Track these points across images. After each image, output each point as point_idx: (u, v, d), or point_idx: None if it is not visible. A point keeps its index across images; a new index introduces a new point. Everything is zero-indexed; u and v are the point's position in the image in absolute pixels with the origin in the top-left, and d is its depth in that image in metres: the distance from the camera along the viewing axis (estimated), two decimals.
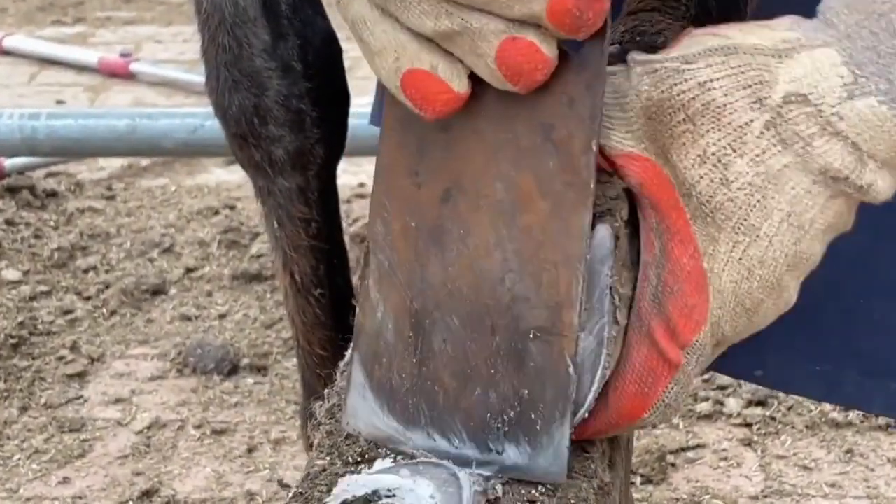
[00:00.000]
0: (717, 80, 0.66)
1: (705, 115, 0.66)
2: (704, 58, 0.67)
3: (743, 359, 0.85)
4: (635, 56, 0.68)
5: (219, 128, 1.27)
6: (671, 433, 1.78)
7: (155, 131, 2.30)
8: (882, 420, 1.79)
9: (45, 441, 1.82)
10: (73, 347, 2.04)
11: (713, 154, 0.67)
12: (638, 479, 1.68)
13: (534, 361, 0.68)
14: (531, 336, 0.68)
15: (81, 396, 1.93)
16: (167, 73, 3.19)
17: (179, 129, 2.30)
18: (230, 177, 2.63)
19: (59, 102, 3.10)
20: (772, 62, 0.66)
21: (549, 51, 0.64)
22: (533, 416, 0.68)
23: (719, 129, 0.66)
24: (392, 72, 0.65)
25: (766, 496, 1.66)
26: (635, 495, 1.62)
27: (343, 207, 2.25)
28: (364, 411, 0.72)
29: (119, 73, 3.22)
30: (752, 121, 0.66)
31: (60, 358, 2.02)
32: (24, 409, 1.89)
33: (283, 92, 1.19)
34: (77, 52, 3.37)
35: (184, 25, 3.54)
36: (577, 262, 0.67)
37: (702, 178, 0.67)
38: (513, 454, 0.68)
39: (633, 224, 0.71)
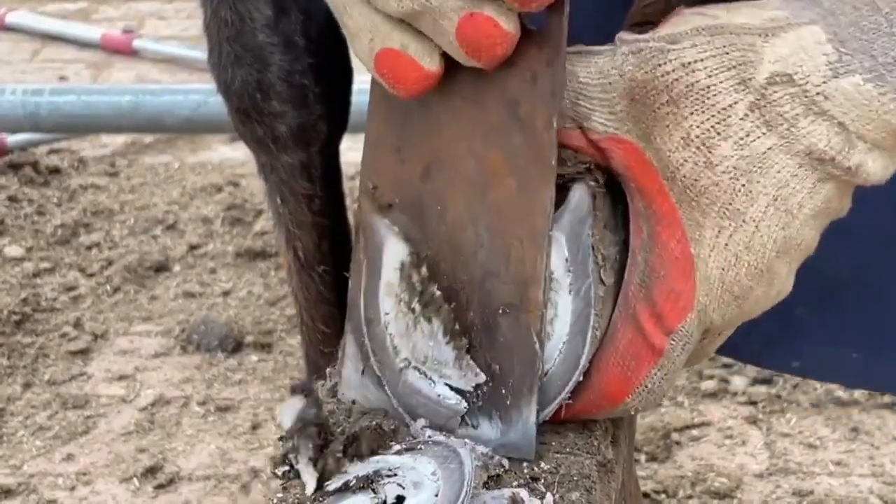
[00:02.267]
0: (702, 60, 0.66)
1: (689, 96, 0.66)
2: (690, 38, 0.66)
3: (780, 350, 0.85)
4: (622, 35, 0.68)
5: (222, 105, 1.26)
6: (676, 411, 1.78)
7: (158, 108, 2.30)
8: (888, 398, 1.79)
9: (49, 418, 1.82)
10: (77, 324, 2.04)
11: (697, 137, 0.66)
12: (642, 457, 1.68)
13: (504, 337, 0.69)
14: (501, 311, 0.69)
15: (85, 373, 1.93)
16: (170, 50, 3.17)
17: (183, 105, 2.29)
18: (234, 154, 2.63)
19: (62, 79, 3.09)
20: (758, 41, 0.65)
21: (508, 25, 0.64)
22: (503, 391, 0.69)
23: (703, 112, 0.66)
24: (367, 52, 0.66)
25: (771, 474, 1.66)
26: (640, 473, 1.62)
27: (347, 184, 2.25)
28: (357, 382, 0.73)
29: (122, 50, 3.21)
30: (735, 103, 0.66)
31: (64, 335, 2.01)
32: (27, 386, 1.89)
33: (285, 67, 1.18)
34: (80, 29, 3.35)
35: (187, 1, 3.52)
36: (541, 239, 0.68)
37: (685, 161, 0.66)
38: (486, 429, 0.70)
39: (612, 188, 0.71)
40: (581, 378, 0.69)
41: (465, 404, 0.70)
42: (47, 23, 3.41)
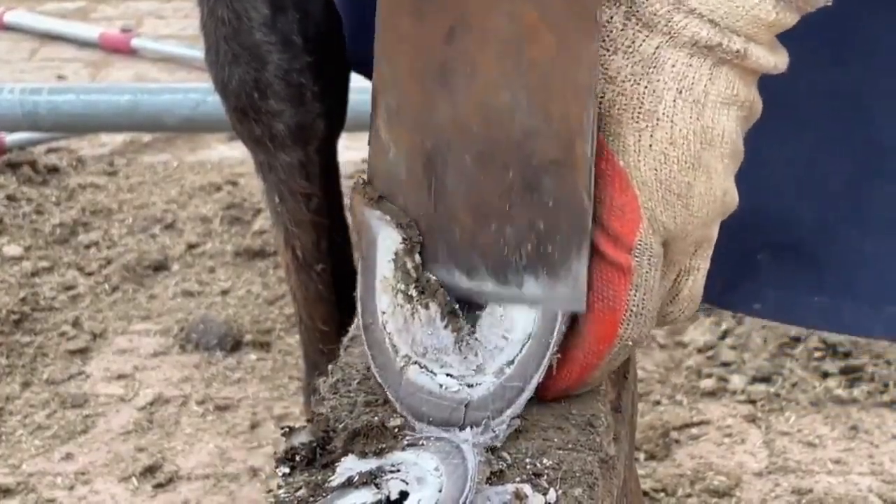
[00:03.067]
0: None
1: None
2: None
3: (741, 293, 0.86)
4: None
5: (221, 103, 1.26)
6: (675, 410, 1.78)
7: (157, 107, 2.29)
8: (887, 396, 1.79)
9: (48, 417, 1.82)
10: (76, 323, 2.04)
11: None
12: (642, 456, 1.68)
13: (548, 193, 0.68)
14: (545, 169, 0.68)
15: (84, 372, 1.92)
16: (169, 49, 3.17)
17: (181, 104, 2.29)
18: (232, 153, 2.62)
19: (60, 78, 3.09)
20: None
21: None
22: (550, 248, 0.68)
23: None
24: None
25: (770, 472, 1.66)
26: (639, 471, 1.62)
27: (346, 183, 2.25)
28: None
29: (120, 49, 3.21)
30: (612, 17, 0.68)
31: (62, 334, 2.01)
32: (26, 385, 1.89)
33: (282, 66, 1.18)
34: (78, 28, 3.35)
35: (185, 0, 3.52)
36: (587, 93, 0.67)
37: None
38: (532, 287, 0.69)
39: None
40: (565, 331, 0.69)
41: (467, 391, 0.69)
42: (46, 22, 3.41)
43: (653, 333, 1.93)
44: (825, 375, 1.84)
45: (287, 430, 0.71)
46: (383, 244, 0.71)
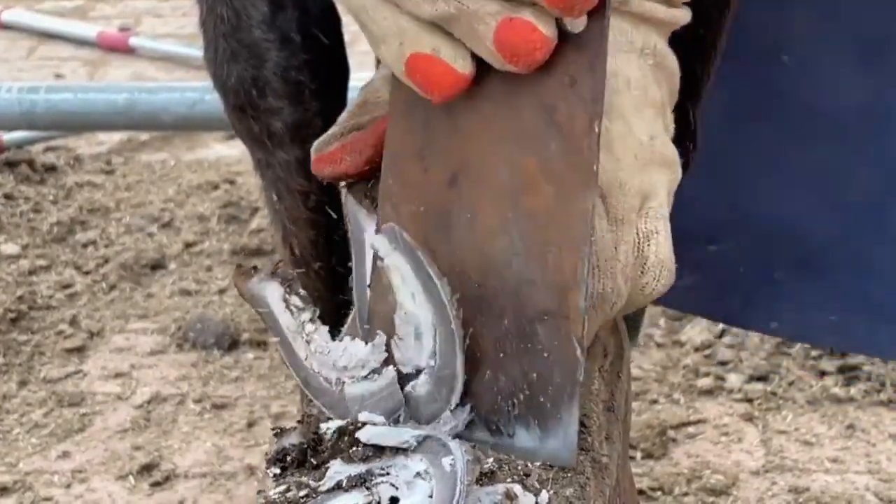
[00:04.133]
0: None
1: None
2: None
3: (758, 311, 0.86)
4: None
5: (219, 102, 1.26)
6: (672, 408, 1.78)
7: (154, 105, 2.29)
8: (884, 395, 1.79)
9: (45, 415, 1.82)
10: (73, 322, 2.04)
11: None
12: (638, 454, 1.68)
13: (542, 344, 0.68)
14: (539, 319, 0.68)
15: (81, 371, 1.92)
16: (167, 48, 3.17)
17: (179, 103, 2.29)
18: (230, 151, 2.62)
19: (58, 76, 3.08)
20: None
21: (546, 30, 0.64)
22: (542, 398, 0.68)
23: None
24: (396, 57, 0.65)
25: (767, 471, 1.66)
26: (636, 470, 1.62)
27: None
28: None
29: (118, 48, 3.21)
30: None
31: (60, 332, 2.01)
32: (23, 384, 1.89)
33: (281, 63, 1.18)
34: (76, 27, 3.35)
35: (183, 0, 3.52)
36: (582, 244, 0.66)
37: None
38: (524, 438, 0.68)
39: None
40: None
41: (409, 386, 0.69)
42: (44, 20, 3.40)
43: (650, 332, 1.93)
44: (822, 374, 1.84)
45: (278, 430, 0.71)
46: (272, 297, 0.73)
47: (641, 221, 0.72)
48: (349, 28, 1.28)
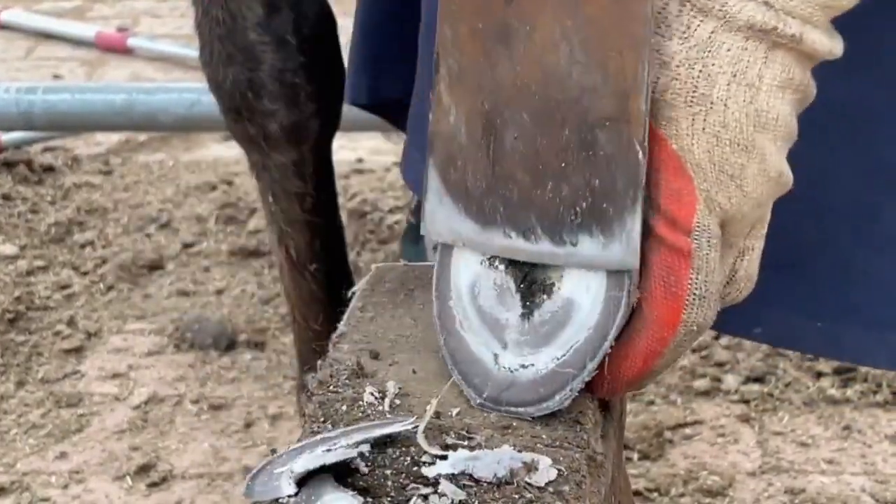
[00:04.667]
0: None
1: None
2: None
3: (742, 316, 0.86)
4: None
5: (216, 103, 1.27)
6: (668, 409, 1.78)
7: (152, 106, 2.29)
8: (881, 396, 1.79)
9: (42, 416, 1.82)
10: (70, 322, 2.04)
11: None
12: (635, 455, 1.68)
13: (604, 150, 0.68)
14: (600, 125, 0.68)
15: (78, 371, 1.93)
16: (164, 48, 3.17)
17: (177, 104, 2.29)
18: (228, 152, 2.62)
19: (56, 77, 3.08)
20: None
21: None
22: (605, 204, 0.69)
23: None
24: None
25: (763, 472, 1.66)
26: (632, 471, 1.62)
27: (341, 183, 2.25)
28: (442, 215, 0.73)
29: (116, 48, 3.21)
30: (667, 3, 0.69)
31: (57, 333, 2.01)
32: (20, 384, 1.89)
33: (277, 66, 1.19)
34: (74, 27, 3.35)
35: (181, 0, 3.52)
36: (642, 47, 0.67)
37: None
38: (587, 245, 0.69)
39: None
40: (627, 316, 0.70)
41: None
42: (42, 21, 3.40)
43: None
44: (818, 375, 1.84)
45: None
46: None
47: (743, 240, 0.74)
48: (345, 30, 1.29)
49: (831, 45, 0.72)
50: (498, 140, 0.71)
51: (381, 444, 0.68)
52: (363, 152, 2.58)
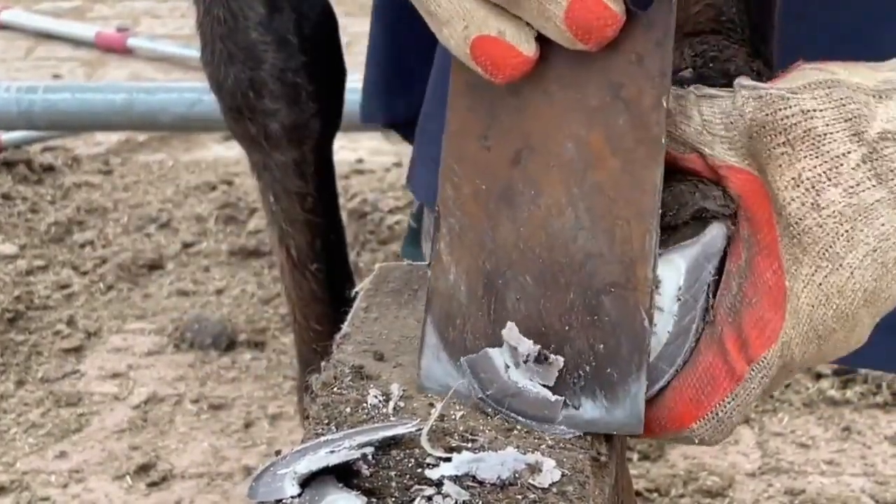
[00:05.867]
0: (820, 110, 0.68)
1: (805, 140, 0.68)
2: (809, 90, 0.69)
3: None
4: (742, 81, 0.71)
5: (216, 103, 1.27)
6: None
7: (152, 106, 2.29)
8: (880, 398, 1.79)
9: (42, 415, 1.82)
10: (70, 322, 2.04)
11: (808, 179, 0.68)
12: (635, 456, 1.68)
13: (608, 316, 0.69)
14: (605, 292, 0.69)
15: (78, 371, 1.92)
16: (164, 48, 3.17)
17: (177, 103, 2.29)
18: (228, 152, 2.62)
19: (56, 77, 3.08)
20: (871, 100, 0.68)
21: (616, 7, 0.65)
22: (609, 369, 0.69)
23: (817, 157, 0.68)
24: (461, 40, 0.67)
25: (763, 473, 1.66)
26: (632, 471, 1.62)
27: (341, 183, 2.25)
28: (438, 373, 0.73)
29: (116, 48, 3.21)
30: (849, 152, 0.68)
31: (57, 332, 2.01)
32: (20, 384, 1.89)
33: (278, 65, 1.19)
34: (74, 27, 3.35)
35: (181, 0, 3.52)
36: (650, 217, 0.68)
37: (794, 200, 0.69)
38: (590, 409, 0.69)
39: None
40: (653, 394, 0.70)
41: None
42: (42, 21, 3.41)
43: None
44: (818, 377, 1.84)
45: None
46: None
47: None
48: (347, 30, 1.29)
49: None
50: (499, 300, 0.71)
51: (384, 446, 0.68)
52: (363, 152, 2.59)
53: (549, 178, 0.69)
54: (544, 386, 0.71)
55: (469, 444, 0.69)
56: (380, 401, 0.73)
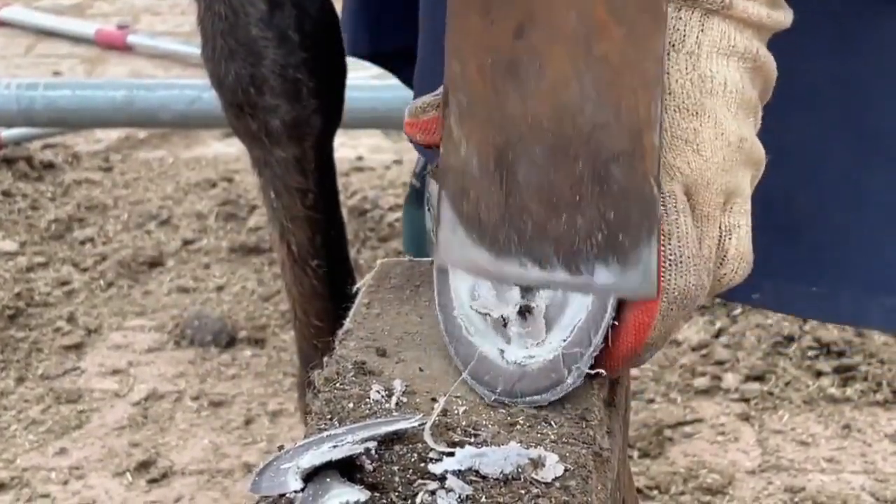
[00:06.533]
0: None
1: None
2: None
3: (740, 283, 0.87)
4: None
5: (217, 100, 1.27)
6: (669, 407, 1.78)
7: (152, 103, 2.29)
8: (881, 395, 1.79)
9: (42, 412, 1.82)
10: (70, 319, 2.04)
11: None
12: (635, 453, 1.68)
13: (618, 184, 0.69)
14: (613, 160, 0.69)
15: (78, 367, 1.93)
16: (165, 45, 3.17)
17: (177, 100, 2.29)
18: (228, 149, 2.62)
19: (56, 74, 3.08)
20: None
21: None
22: (621, 236, 0.69)
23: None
24: None
25: (763, 471, 1.66)
26: (633, 469, 1.62)
27: (341, 180, 2.25)
28: (456, 245, 0.73)
29: (116, 45, 3.21)
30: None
31: (57, 329, 2.01)
32: (20, 380, 1.89)
33: (279, 61, 1.19)
34: (74, 24, 3.35)
35: None
36: (656, 85, 0.68)
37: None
38: (603, 275, 0.70)
39: None
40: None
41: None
42: (42, 18, 3.40)
43: None
44: (818, 374, 1.84)
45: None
46: None
47: (725, 216, 0.74)
48: None
49: (770, 13, 0.72)
50: (510, 173, 0.71)
51: (387, 441, 0.68)
52: (363, 150, 2.59)
53: (554, 51, 0.69)
54: (537, 346, 0.71)
55: (472, 439, 0.69)
56: (382, 396, 0.73)
